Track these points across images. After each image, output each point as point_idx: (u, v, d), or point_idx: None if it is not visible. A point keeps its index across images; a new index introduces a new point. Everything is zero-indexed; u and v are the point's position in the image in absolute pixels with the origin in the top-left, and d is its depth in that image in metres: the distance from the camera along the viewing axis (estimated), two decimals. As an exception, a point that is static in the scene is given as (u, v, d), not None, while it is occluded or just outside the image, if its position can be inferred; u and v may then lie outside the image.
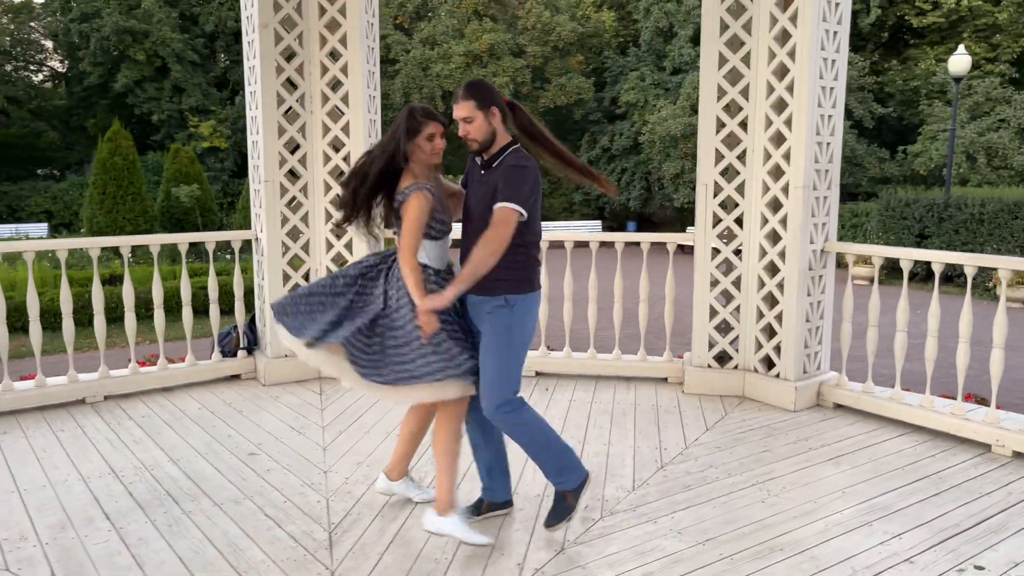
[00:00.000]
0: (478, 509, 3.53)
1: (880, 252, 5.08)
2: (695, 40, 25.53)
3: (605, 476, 4.05)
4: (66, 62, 31.21)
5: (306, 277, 5.86)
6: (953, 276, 15.69)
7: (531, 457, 3.31)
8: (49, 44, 31.94)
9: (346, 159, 5.76)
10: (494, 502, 3.56)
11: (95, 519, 3.54)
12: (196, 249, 15.92)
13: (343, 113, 5.73)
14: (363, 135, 5.71)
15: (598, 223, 27.12)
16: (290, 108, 5.67)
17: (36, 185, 27.18)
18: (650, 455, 4.35)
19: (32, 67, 31.95)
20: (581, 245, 6.42)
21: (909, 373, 6.65)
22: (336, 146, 5.79)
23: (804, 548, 3.27)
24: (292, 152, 5.75)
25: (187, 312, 5.67)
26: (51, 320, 9.21)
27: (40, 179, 28.69)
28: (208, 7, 28.25)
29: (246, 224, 17.10)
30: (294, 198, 5.78)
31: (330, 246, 5.86)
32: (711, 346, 5.54)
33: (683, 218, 26.17)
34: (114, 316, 10.93)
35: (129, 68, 26.43)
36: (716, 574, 3.07)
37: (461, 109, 3.13)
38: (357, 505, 3.70)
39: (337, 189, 5.79)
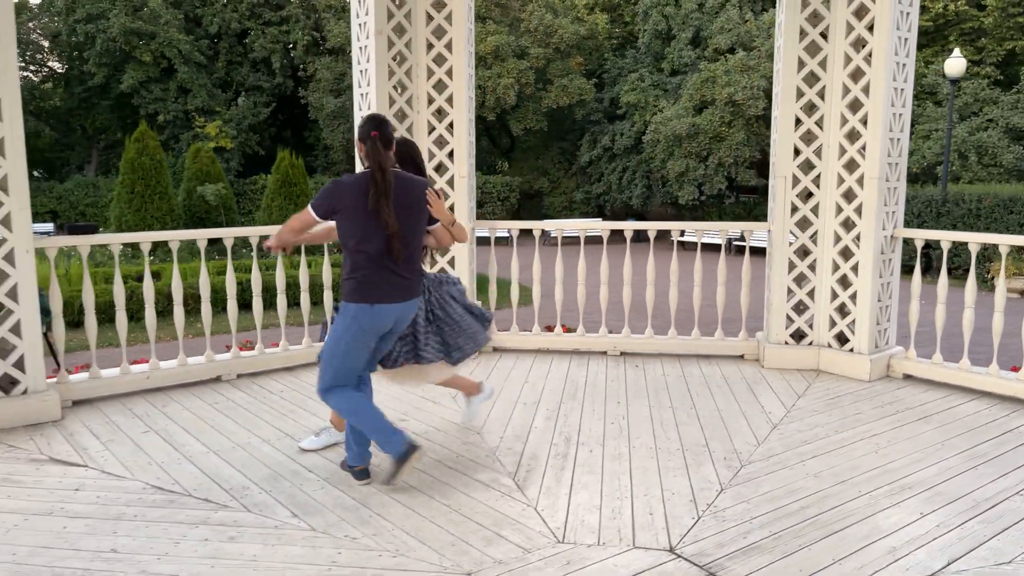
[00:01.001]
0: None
1: (948, 236, 5.65)
2: (694, 43, 26.26)
3: (728, 433, 4.57)
4: (65, 63, 31.25)
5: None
6: (951, 268, 16.45)
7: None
8: (46, 44, 31.96)
9: (449, 155, 6.23)
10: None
11: (300, 472, 3.99)
12: (219, 246, 16.28)
13: (447, 113, 6.21)
14: (465, 132, 6.19)
15: (598, 221, 27.74)
16: (399, 109, 6.13)
17: (40, 185, 27.27)
18: (759, 418, 4.88)
19: (32, 67, 31.95)
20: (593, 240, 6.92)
21: (957, 347, 7.26)
22: (440, 144, 6.26)
23: (929, 486, 3.81)
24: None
25: (281, 300, 6.00)
26: (103, 313, 9.53)
27: (43, 179, 28.77)
28: (212, 8, 28.48)
29: (271, 221, 17.46)
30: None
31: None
32: (788, 324, 6.09)
33: (683, 215, 26.86)
34: (165, 309, 11.31)
35: (135, 69, 26.61)
36: (861, 507, 3.59)
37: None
38: (523, 458, 4.18)
39: (441, 183, 6.27)
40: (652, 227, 6.41)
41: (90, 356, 5.29)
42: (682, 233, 19.37)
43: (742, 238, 21.22)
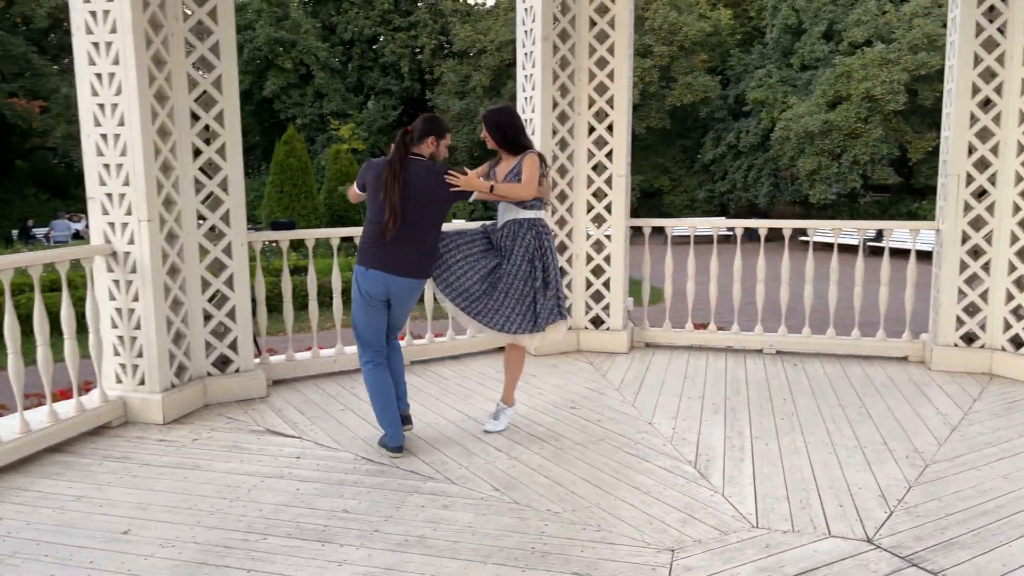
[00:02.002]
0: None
1: None
2: (827, 36, 25.39)
3: (905, 433, 4.56)
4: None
5: (569, 261, 6.56)
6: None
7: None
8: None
9: (608, 155, 6.43)
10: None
11: (489, 451, 4.30)
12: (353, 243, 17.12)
13: (607, 115, 6.41)
14: (625, 132, 6.38)
15: (722, 220, 27.29)
16: (562, 111, 6.39)
17: (190, 185, 29.40)
18: (935, 419, 4.82)
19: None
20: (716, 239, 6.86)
21: None
22: (599, 144, 6.48)
23: None
24: (561, 150, 6.46)
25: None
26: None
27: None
28: (346, 16, 29.89)
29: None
30: (561, 191, 6.49)
31: (589, 234, 6.53)
32: (958, 326, 5.94)
33: (812, 215, 26.03)
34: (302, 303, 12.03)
35: (276, 75, 28.30)
36: (1061, 509, 3.54)
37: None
38: (700, 447, 4.33)
39: (600, 183, 6.48)
40: (812, 225, 6.40)
41: (278, 341, 5.82)
42: (805, 232, 18.79)
43: (878, 238, 20.34)
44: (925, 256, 20.55)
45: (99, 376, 4.70)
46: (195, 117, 4.97)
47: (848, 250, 21.47)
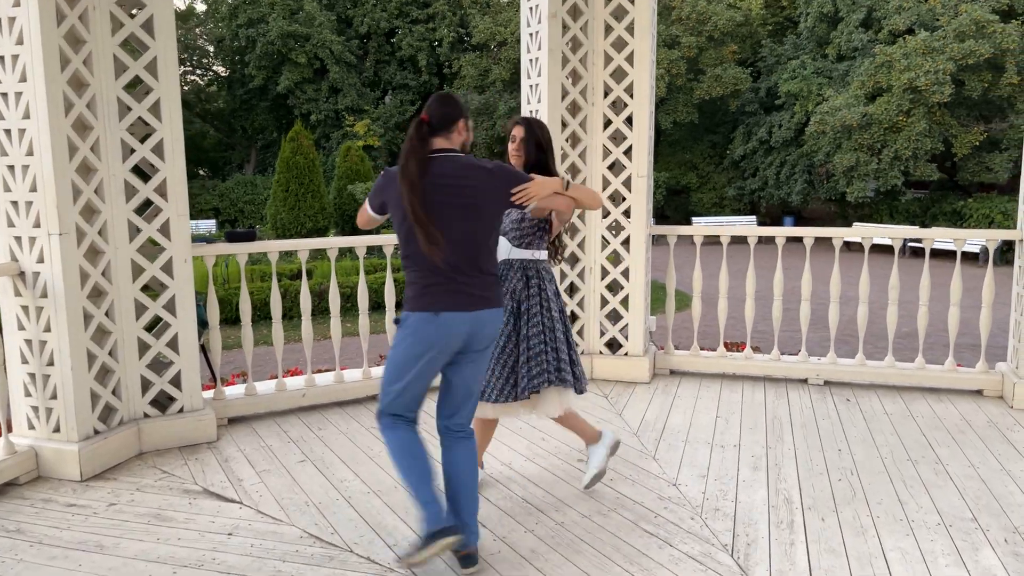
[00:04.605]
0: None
1: None
2: (866, 25, 24.10)
3: (997, 502, 3.59)
4: (228, 66, 32.99)
5: (580, 275, 5.66)
6: None
7: None
8: (212, 49, 33.88)
9: (627, 152, 5.51)
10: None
11: (484, 519, 3.41)
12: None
13: (626, 105, 5.48)
14: (646, 126, 5.44)
15: (752, 219, 26.10)
16: (573, 101, 5.47)
17: (204, 184, 28.89)
18: (1034, 481, 3.85)
19: (198, 71, 33.99)
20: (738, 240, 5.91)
21: None
22: (617, 139, 5.55)
23: None
24: (572, 147, 5.55)
25: None
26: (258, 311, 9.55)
27: (207, 179, 30.55)
28: (362, 8, 29.13)
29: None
30: (570, 193, 5.57)
31: (605, 243, 5.63)
32: (1048, 357, 4.94)
33: (848, 213, 24.77)
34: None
35: (290, 71, 27.62)
36: None
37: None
38: (737, 524, 3.41)
39: (617, 184, 5.56)
40: (868, 233, 5.42)
41: (243, 358, 4.97)
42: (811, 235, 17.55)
43: (920, 239, 19.09)
44: (970, 258, 19.27)
45: (1, 422, 3.87)
46: (126, 108, 4.13)
47: (883, 250, 20.26)
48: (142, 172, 4.28)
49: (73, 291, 3.88)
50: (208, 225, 25.35)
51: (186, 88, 31.58)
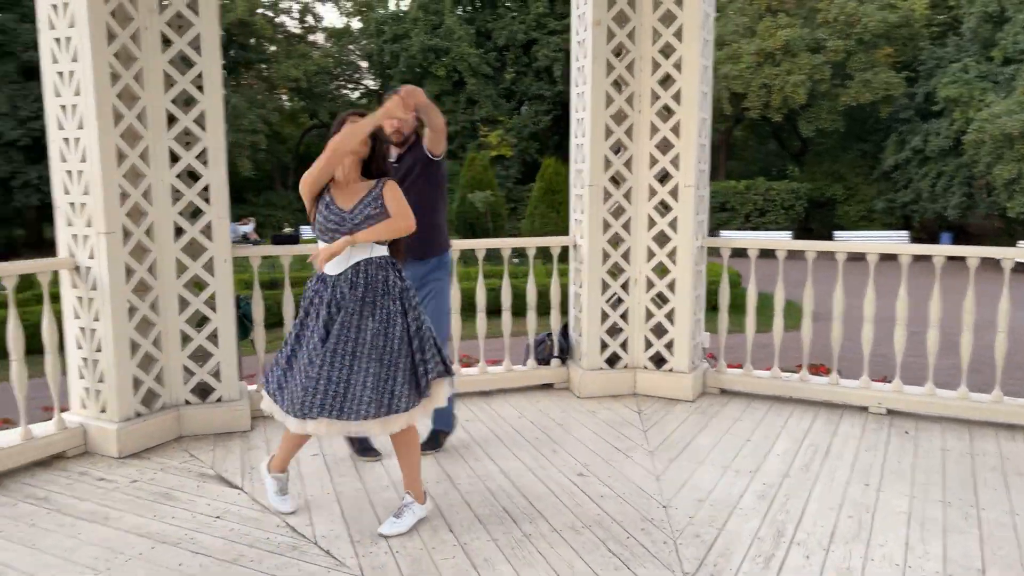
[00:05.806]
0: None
1: None
2: (1037, 23, 21.82)
3: (1020, 551, 3.18)
4: (377, 81, 34.75)
5: (624, 286, 5.53)
6: None
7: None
8: (364, 64, 35.79)
9: (674, 161, 5.33)
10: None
11: (439, 530, 3.44)
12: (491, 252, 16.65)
13: (673, 112, 5.31)
14: (695, 134, 5.25)
15: (905, 234, 24.25)
16: (619, 109, 5.37)
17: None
18: (1083, 537, 3.37)
19: (350, 85, 36.05)
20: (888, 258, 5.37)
21: None
22: (664, 148, 5.39)
23: None
24: (616, 154, 5.45)
25: (506, 317, 5.62)
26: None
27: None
28: (501, 22, 29.78)
29: (533, 229, 17.53)
30: (617, 203, 5.47)
31: (651, 255, 5.48)
32: None
33: (1013, 230, 22.48)
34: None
35: (431, 83, 28.67)
36: None
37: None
38: (711, 554, 3.23)
39: (663, 194, 5.40)
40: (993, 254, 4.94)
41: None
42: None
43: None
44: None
45: (55, 400, 4.32)
46: (173, 119, 4.51)
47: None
48: (194, 175, 4.64)
49: (118, 285, 4.27)
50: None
51: (337, 103, 33.56)
